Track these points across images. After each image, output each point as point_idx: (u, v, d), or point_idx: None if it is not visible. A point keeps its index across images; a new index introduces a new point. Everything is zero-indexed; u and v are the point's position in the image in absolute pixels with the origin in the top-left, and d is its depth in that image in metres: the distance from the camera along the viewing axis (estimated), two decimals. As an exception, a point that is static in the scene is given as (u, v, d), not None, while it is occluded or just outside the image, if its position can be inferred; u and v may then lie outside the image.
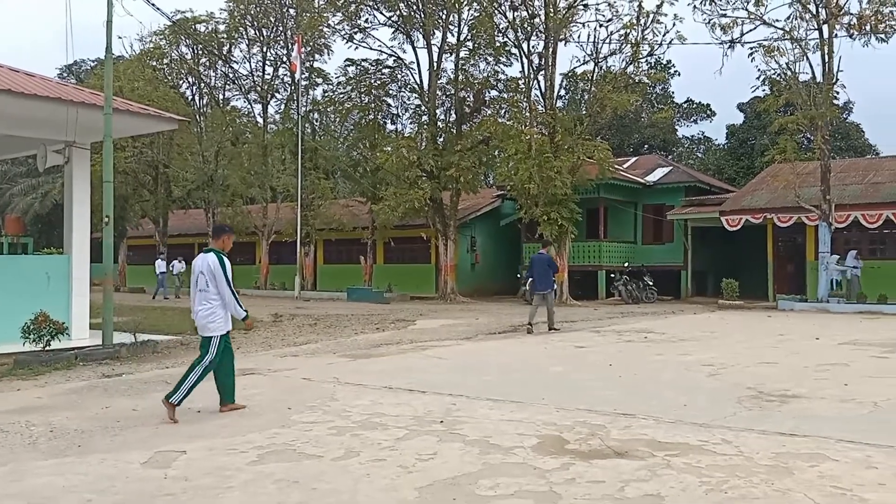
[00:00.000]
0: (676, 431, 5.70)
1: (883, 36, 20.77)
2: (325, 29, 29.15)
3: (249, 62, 32.10)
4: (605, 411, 6.49)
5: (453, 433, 5.76)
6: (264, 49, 31.35)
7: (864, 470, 4.63)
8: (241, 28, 31.18)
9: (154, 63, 33.45)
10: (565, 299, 24.09)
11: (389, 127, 30.16)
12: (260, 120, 32.89)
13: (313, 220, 29.48)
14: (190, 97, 34.82)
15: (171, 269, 28.41)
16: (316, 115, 32.44)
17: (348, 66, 29.26)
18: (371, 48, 28.41)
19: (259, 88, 32.06)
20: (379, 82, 28.81)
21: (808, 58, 21.65)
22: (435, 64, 26.89)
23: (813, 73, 21.71)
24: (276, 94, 32.70)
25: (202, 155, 32.36)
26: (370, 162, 28.92)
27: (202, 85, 33.93)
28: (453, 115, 27.55)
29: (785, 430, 5.73)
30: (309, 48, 29.65)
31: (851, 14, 20.91)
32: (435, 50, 26.85)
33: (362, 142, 30.14)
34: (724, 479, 4.45)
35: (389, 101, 29.54)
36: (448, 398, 7.23)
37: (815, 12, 21.13)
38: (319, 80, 31.48)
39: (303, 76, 29.22)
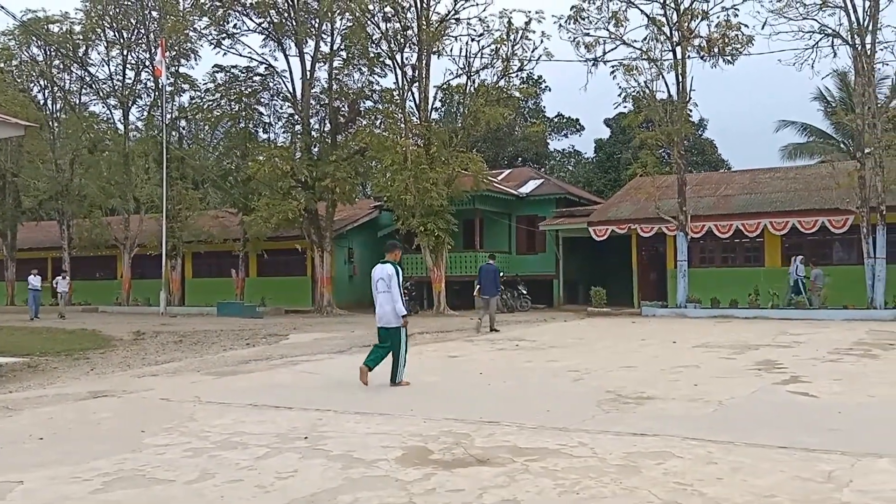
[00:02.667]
0: (538, 437, 5.81)
1: (729, 58, 22.42)
2: (191, 33, 28.08)
3: (108, 65, 30.43)
4: (472, 420, 6.53)
5: (317, 449, 5.61)
6: (125, 52, 29.83)
7: (704, 465, 4.88)
8: (98, 29, 29.46)
9: (1, 65, 31.02)
10: (442, 309, 24.32)
11: (262, 136, 29.42)
12: (121, 126, 31.16)
13: (180, 232, 28.24)
14: (42, 101, 32.49)
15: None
16: (183, 123, 31.10)
17: (217, 72, 28.31)
18: (241, 55, 27.68)
19: (119, 93, 30.38)
20: (250, 90, 28.03)
21: (664, 77, 23.06)
22: (308, 73, 26.52)
23: (669, 91, 23.13)
24: (139, 100, 31.11)
25: (55, 163, 30.28)
26: (241, 172, 28.03)
27: (55, 89, 31.76)
28: (328, 125, 27.27)
29: (637, 430, 5.97)
30: (174, 52, 28.45)
31: (701, 37, 22.45)
32: (308, 59, 26.48)
33: (233, 151, 29.21)
34: (577, 481, 4.57)
35: (261, 109, 28.88)
36: (315, 413, 7.05)
37: (668, 34, 22.53)
38: (186, 87, 30.22)
39: (168, 82, 27.97)
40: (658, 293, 25.19)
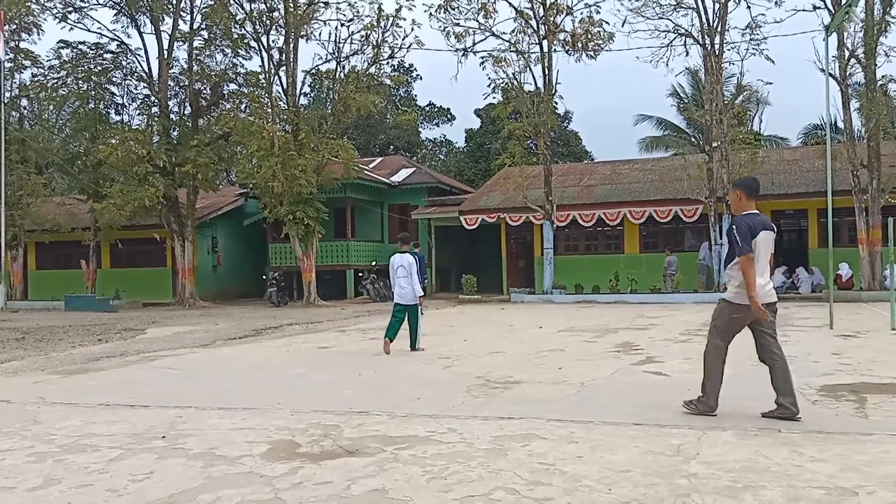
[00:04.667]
0: (408, 425, 5.79)
1: (592, 53, 23.39)
2: (33, 5, 25.80)
3: (-69, 38, 27.37)
4: (341, 411, 6.42)
5: (176, 448, 5.30)
6: (-47, 24, 26.95)
7: (566, 445, 5.04)
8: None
9: None
10: (313, 300, 23.89)
11: (114, 118, 27.56)
12: (-52, 105, 28.19)
13: (21, 221, 25.98)
14: None
15: None
16: (24, 102, 28.59)
17: (62, 48, 26.21)
18: (90, 30, 25.80)
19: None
20: (100, 68, 26.18)
21: (531, 69, 23.73)
22: (166, 52, 25.13)
23: (536, 83, 23.81)
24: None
25: None
26: (91, 156, 26.13)
27: None
28: (188, 108, 25.96)
29: (504, 414, 6.08)
30: (14, 26, 26.07)
31: (566, 32, 23.28)
32: (165, 37, 25.11)
33: (81, 133, 27.19)
34: (445, 466, 4.58)
35: (113, 89, 27.09)
36: (174, 411, 6.68)
37: (536, 28, 23.18)
38: (28, 63, 27.74)
39: (6, 57, 25.61)
40: (526, 280, 25.98)
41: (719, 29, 21.67)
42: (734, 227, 5.74)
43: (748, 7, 21.67)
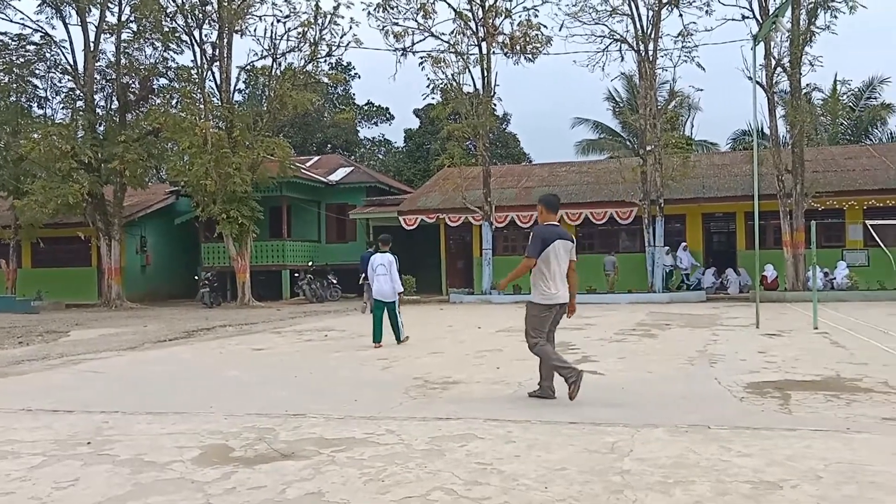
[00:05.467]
0: (345, 427, 5.72)
1: (531, 56, 23.66)
2: (-51, -6, 24.55)
3: None
4: (277, 414, 6.30)
5: (102, 454, 5.10)
6: None
7: (504, 444, 5.06)
8: None
9: None
10: (247, 301, 23.44)
11: (37, 111, 26.41)
12: None
13: (-66, 218, 24.70)
14: None
15: None
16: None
17: (-19, 39, 25.00)
18: (12, 21, 24.65)
19: None
20: (23, 60, 25.04)
21: (470, 71, 23.87)
22: (92, 45, 24.20)
23: (475, 85, 23.94)
24: None
25: None
26: (12, 150, 24.95)
27: None
28: (116, 103, 25.08)
29: (443, 415, 6.07)
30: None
31: (505, 34, 23.48)
32: (92, 29, 24.16)
33: (2, 127, 25.89)
34: (383, 468, 4.54)
35: (36, 82, 25.89)
36: (100, 416, 6.43)
37: (475, 30, 23.31)
38: (-57, 54, 26.39)
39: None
40: (465, 281, 26.10)
41: (653, 36, 22.23)
42: (531, 234, 6.68)
43: (680, 15, 22.32)
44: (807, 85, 22.03)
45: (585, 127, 37.70)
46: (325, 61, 25.83)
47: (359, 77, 47.95)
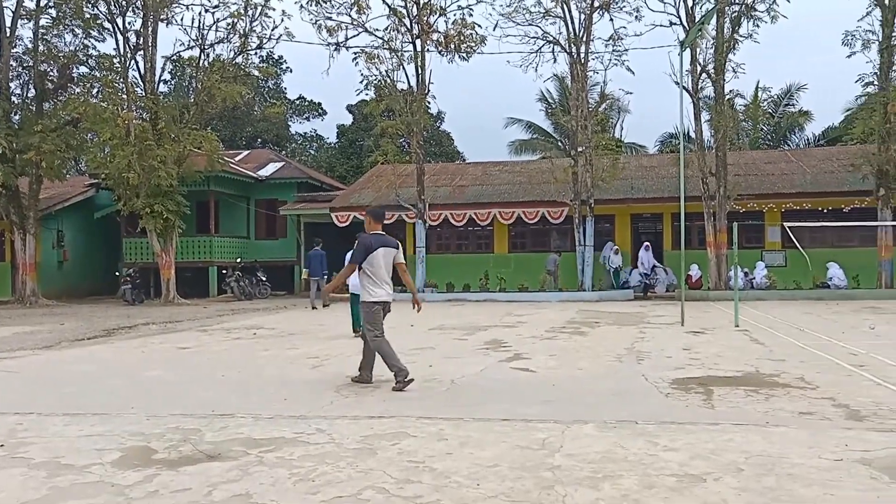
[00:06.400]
0: (274, 426, 5.61)
1: (465, 55, 23.72)
2: None
3: None
4: (203, 414, 6.12)
5: (16, 457, 4.87)
6: None
7: (436, 442, 5.05)
8: None
9: None
10: (172, 298, 22.74)
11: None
12: None
13: None
14: None
15: None
16: None
17: None
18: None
19: None
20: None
21: (404, 68, 23.76)
22: (8, 30, 23.02)
23: (409, 82, 23.86)
24: None
25: None
26: (-81, 139, 23.58)
27: None
28: (33, 91, 23.93)
29: (375, 413, 6.02)
30: None
31: (440, 32, 23.48)
32: (8, 14, 22.98)
33: None
34: (313, 468, 4.47)
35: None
36: (13, 417, 6.13)
37: (409, 27, 23.22)
38: None
39: None
40: (398, 279, 25.93)
41: (585, 39, 22.63)
42: (357, 242, 7.60)
43: (611, 19, 22.79)
44: (730, 91, 22.89)
45: (518, 127, 38.12)
46: (256, 54, 25.28)
47: (290, 71, 47.12)
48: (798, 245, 16.92)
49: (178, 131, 22.64)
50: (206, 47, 23.48)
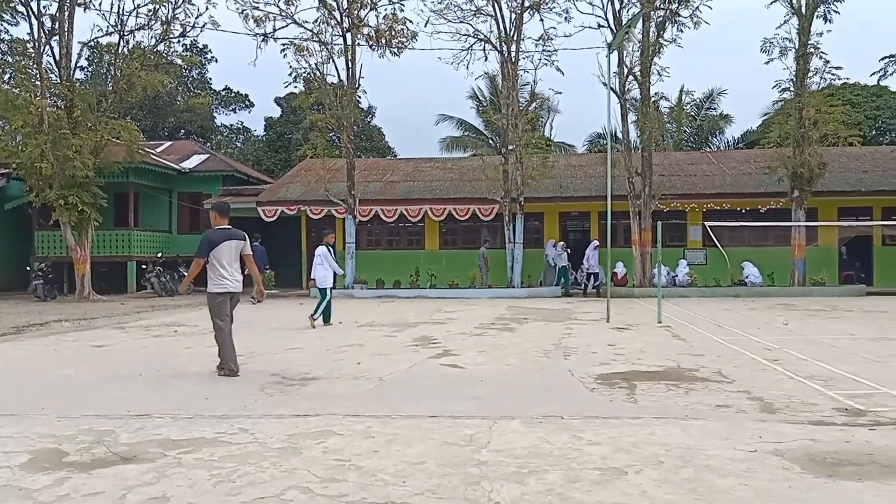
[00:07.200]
0: (194, 427, 5.43)
1: (396, 50, 23.57)
2: None
3: None
4: (118, 414, 5.88)
5: (-88, 464, 4.54)
6: None
7: (362, 440, 4.99)
8: None
9: None
10: (87, 294, 21.81)
11: None
12: None
13: None
14: None
15: None
16: None
17: None
18: None
19: None
20: None
21: (334, 61, 23.43)
22: (-89, 10, 21.65)
23: (339, 76, 23.56)
24: None
25: None
26: None
27: None
28: (-62, 75, 22.56)
29: (300, 412, 5.91)
30: None
31: (370, 27, 23.27)
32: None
33: None
34: (235, 469, 4.35)
35: None
36: None
37: (339, 20, 22.93)
38: None
39: None
40: (327, 275, 25.63)
41: (515, 38, 22.83)
42: (202, 238, 7.93)
43: (541, 20, 23.02)
44: (655, 94, 23.47)
45: (450, 124, 38.20)
46: (179, 42, 24.43)
47: (216, 61, 45.87)
48: (718, 244, 17.52)
49: (96, 120, 21.71)
50: (125, 34, 22.53)
